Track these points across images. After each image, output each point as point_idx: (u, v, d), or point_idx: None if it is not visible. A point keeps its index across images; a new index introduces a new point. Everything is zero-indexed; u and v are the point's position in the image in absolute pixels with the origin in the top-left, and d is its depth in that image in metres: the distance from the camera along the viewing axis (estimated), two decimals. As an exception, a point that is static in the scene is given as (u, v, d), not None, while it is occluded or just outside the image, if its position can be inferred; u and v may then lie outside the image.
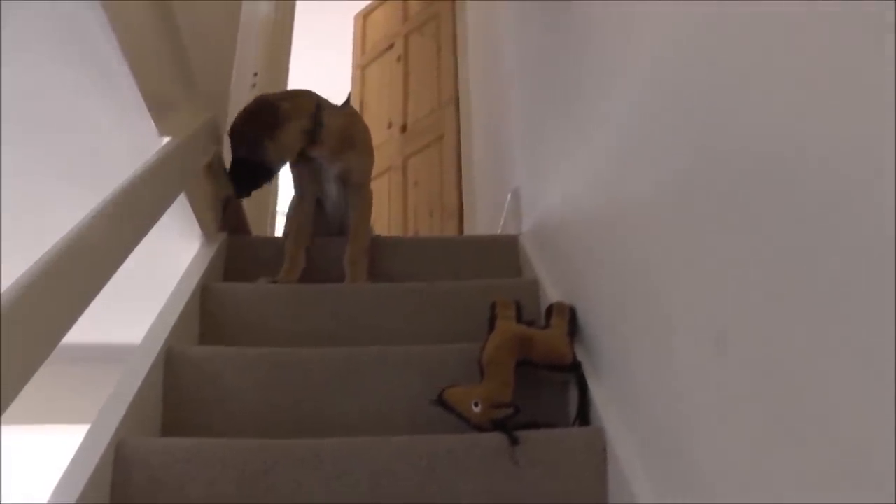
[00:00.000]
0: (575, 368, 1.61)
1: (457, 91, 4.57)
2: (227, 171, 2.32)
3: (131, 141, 1.89)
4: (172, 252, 2.32)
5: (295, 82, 4.31)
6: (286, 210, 2.53)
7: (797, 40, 0.80)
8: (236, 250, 2.43)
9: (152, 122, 1.86)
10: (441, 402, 1.57)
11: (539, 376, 1.67)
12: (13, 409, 1.03)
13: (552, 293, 1.96)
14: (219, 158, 2.45)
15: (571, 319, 1.73)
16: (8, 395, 1.03)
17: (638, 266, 1.35)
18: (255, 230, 2.98)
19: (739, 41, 0.94)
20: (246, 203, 2.70)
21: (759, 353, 0.88)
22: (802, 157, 0.78)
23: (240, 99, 3.19)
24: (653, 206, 1.27)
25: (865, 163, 0.67)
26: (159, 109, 1.86)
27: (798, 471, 0.78)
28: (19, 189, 2.12)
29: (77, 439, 1.42)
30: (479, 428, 1.52)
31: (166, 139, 1.94)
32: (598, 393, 1.53)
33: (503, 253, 2.46)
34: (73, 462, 1.35)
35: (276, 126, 2.22)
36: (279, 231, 2.84)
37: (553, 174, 2.08)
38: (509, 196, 2.75)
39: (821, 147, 0.75)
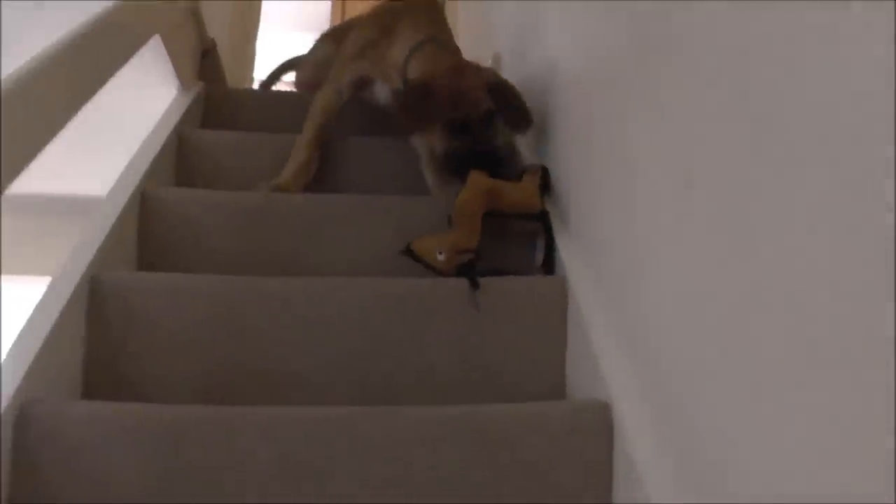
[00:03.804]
0: (543, 216, 1.65)
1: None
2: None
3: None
4: (148, 102, 2.29)
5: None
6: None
7: None
8: (214, 101, 2.41)
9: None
10: (409, 251, 1.60)
11: (508, 228, 1.70)
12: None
13: (529, 156, 1.97)
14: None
15: (543, 177, 1.75)
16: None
17: (605, 117, 1.36)
18: (232, 81, 2.95)
19: None
20: (222, 51, 2.67)
21: (721, 197, 0.90)
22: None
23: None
24: (620, 57, 1.27)
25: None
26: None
27: (753, 308, 0.82)
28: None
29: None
30: (444, 275, 1.56)
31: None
32: (564, 243, 1.56)
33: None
34: (47, 295, 1.36)
35: None
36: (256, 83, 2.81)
37: (531, 40, 2.07)
38: (490, 62, 2.72)
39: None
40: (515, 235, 1.72)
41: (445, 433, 1.18)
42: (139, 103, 2.30)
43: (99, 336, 1.41)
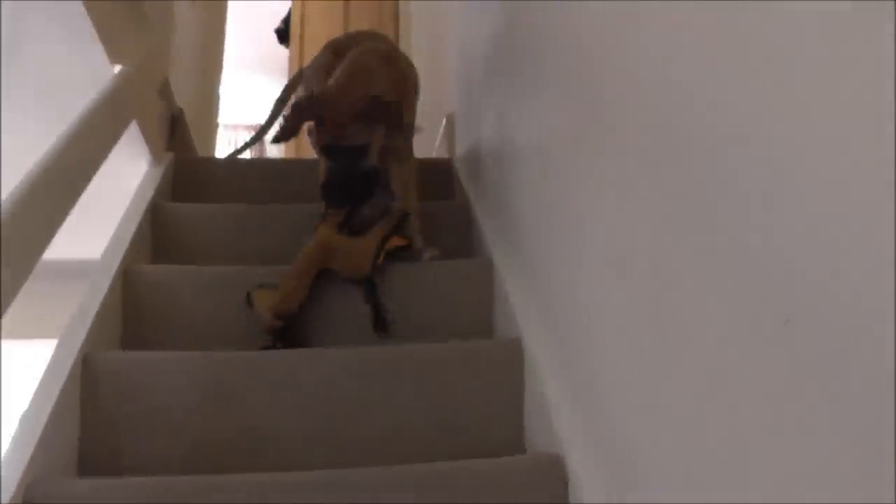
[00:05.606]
0: (367, 281, 1.77)
1: (396, 10, 4.63)
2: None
3: (86, 70, 1.97)
4: (121, 172, 2.40)
5: None
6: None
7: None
8: (183, 170, 2.53)
9: (104, 52, 1.94)
10: (248, 300, 1.74)
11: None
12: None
13: (483, 220, 2.11)
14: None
15: (399, 222, 1.86)
16: (6, 300, 1.18)
17: (554, 198, 1.51)
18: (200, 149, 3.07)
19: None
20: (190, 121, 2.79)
21: (650, 276, 1.06)
22: (684, 106, 0.95)
23: (181, 12, 3.21)
24: (560, 146, 1.43)
25: (741, 107, 0.84)
26: (110, 37, 1.94)
27: (678, 368, 0.98)
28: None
29: (32, 352, 1.54)
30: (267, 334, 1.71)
31: (118, 67, 2.03)
32: (521, 301, 1.71)
33: (438, 174, 2.58)
34: (45, 375, 1.48)
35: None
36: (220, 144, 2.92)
37: (485, 105, 2.22)
38: (444, 121, 2.87)
39: (703, 94, 0.91)
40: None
41: (419, 491, 1.32)
42: (113, 175, 2.41)
43: (92, 413, 1.52)
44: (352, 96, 1.84)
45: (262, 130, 2.46)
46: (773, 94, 0.74)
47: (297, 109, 1.81)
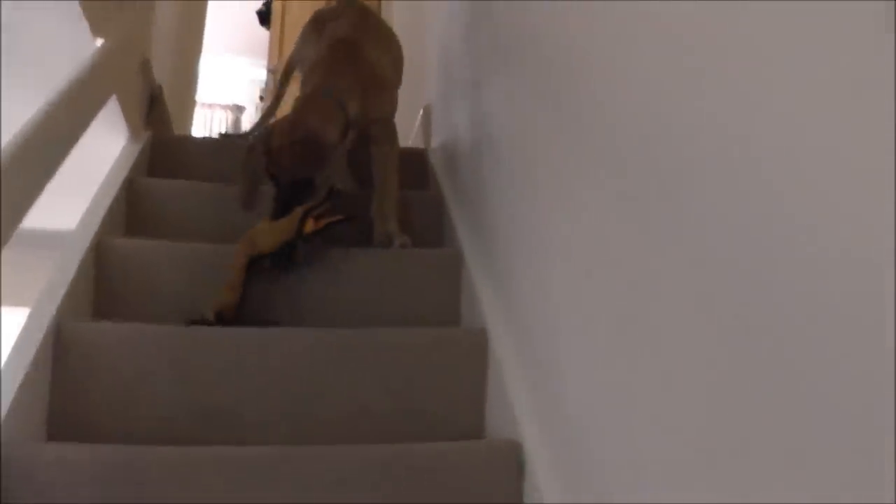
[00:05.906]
0: (286, 253, 1.82)
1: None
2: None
3: (68, 41, 1.98)
4: (99, 146, 2.42)
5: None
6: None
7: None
8: (160, 147, 2.54)
9: (87, 24, 1.95)
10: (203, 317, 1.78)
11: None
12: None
13: (455, 211, 2.16)
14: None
15: (325, 199, 1.89)
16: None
17: (527, 194, 1.56)
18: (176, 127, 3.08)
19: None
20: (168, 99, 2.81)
21: (617, 276, 1.11)
22: (660, 110, 0.99)
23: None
24: (536, 144, 1.47)
25: (715, 115, 0.88)
26: (94, 10, 1.95)
27: (639, 365, 1.03)
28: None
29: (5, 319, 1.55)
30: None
31: (100, 41, 2.04)
32: (487, 295, 1.76)
33: (412, 164, 2.62)
34: (16, 346, 1.49)
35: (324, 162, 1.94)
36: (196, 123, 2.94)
37: (464, 98, 2.26)
38: (421, 112, 2.91)
39: (676, 98, 0.96)
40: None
41: (378, 470, 1.36)
42: (90, 149, 2.42)
43: (62, 383, 1.54)
44: (292, 136, 1.90)
45: (261, 121, 2.63)
46: (750, 103, 0.79)
47: (250, 150, 1.95)
